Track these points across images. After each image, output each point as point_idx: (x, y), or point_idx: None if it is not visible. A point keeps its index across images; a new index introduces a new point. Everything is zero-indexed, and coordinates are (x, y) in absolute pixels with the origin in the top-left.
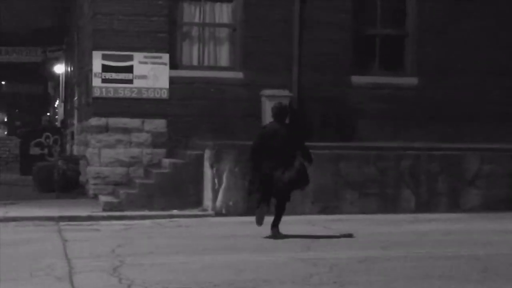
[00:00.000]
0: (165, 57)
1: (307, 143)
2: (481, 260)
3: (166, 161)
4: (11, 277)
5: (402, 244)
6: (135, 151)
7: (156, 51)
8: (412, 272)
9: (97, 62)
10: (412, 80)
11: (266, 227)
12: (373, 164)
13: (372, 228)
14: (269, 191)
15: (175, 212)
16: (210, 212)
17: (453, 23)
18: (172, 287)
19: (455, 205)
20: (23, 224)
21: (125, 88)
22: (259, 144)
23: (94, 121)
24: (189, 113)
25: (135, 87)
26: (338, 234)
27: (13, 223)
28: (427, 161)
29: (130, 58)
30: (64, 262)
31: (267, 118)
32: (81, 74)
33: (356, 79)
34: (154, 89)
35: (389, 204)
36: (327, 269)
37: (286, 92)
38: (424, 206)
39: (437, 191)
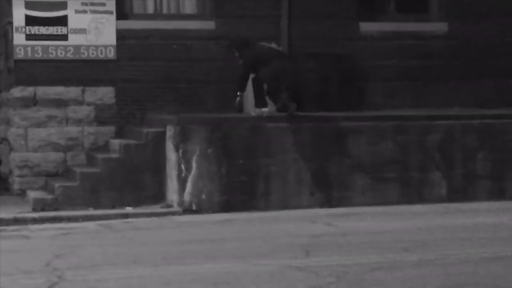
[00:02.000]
0: (110, 3)
1: (301, 113)
2: None
3: (116, 143)
4: None
5: (431, 244)
6: (73, 130)
7: None
8: (445, 282)
9: (18, 12)
10: (440, 26)
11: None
12: (391, 139)
13: (390, 224)
14: None
15: (129, 210)
16: (176, 208)
17: None
18: None
19: (499, 191)
20: None
21: (57, 46)
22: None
23: (17, 91)
24: (144, 78)
25: (71, 45)
26: (345, 233)
27: None
28: (462, 134)
29: (64, 5)
30: None
31: (249, 81)
32: None
33: (365, 26)
34: (97, 47)
35: (413, 191)
36: (332, 280)
37: (274, 46)
38: (459, 193)
39: (476, 173)
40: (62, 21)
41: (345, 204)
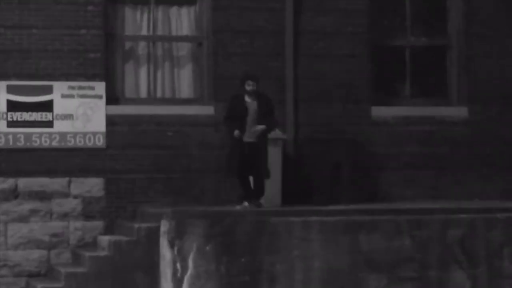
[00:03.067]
0: (100, 86)
1: (309, 207)
2: None
3: (105, 240)
4: None
5: None
6: (58, 225)
7: (87, 79)
8: None
9: (0, 96)
10: (460, 111)
11: None
12: (407, 234)
13: None
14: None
15: None
16: None
17: None
18: None
19: None
20: None
21: (42, 133)
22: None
23: None
24: (136, 168)
25: (57, 132)
26: None
27: None
28: (487, 228)
29: (49, 89)
30: None
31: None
32: None
33: (378, 111)
34: (85, 134)
35: None
36: None
37: (277, 133)
38: None
39: (503, 272)
40: (47, 106)
41: None
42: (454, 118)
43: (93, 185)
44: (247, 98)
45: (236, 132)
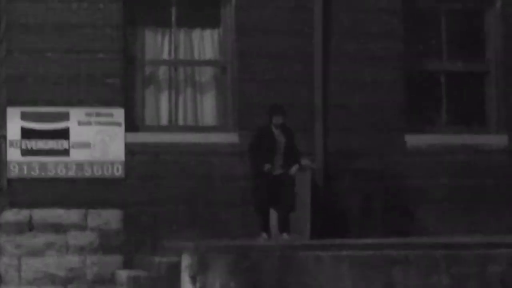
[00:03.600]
0: (119, 113)
1: (339, 241)
2: None
3: (123, 275)
4: None
5: None
6: (74, 260)
7: (105, 105)
8: None
9: (13, 124)
10: (500, 139)
11: None
12: (444, 271)
13: None
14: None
15: None
16: None
17: None
18: None
19: None
20: None
21: (57, 162)
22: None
23: (10, 215)
24: (156, 200)
25: (73, 161)
26: None
27: None
28: None
29: (65, 116)
30: None
31: None
32: None
33: (412, 139)
34: (103, 163)
35: None
36: None
37: (306, 162)
38: None
39: None
40: (63, 134)
41: None
42: (493, 147)
43: (111, 217)
44: (274, 130)
45: (267, 167)
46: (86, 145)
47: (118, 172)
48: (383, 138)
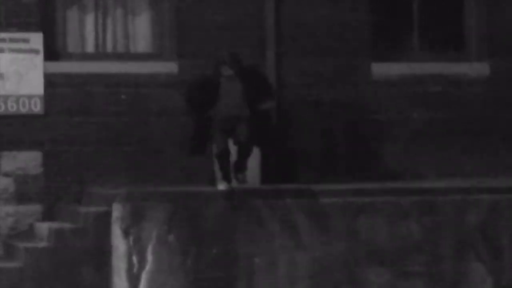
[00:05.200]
0: (36, 39)
1: (295, 185)
2: None
3: (44, 227)
4: None
5: None
6: None
7: (20, 30)
8: None
9: None
10: (480, 68)
11: None
12: (415, 220)
13: None
14: None
15: None
16: None
17: None
18: None
19: None
20: None
21: None
22: None
23: None
24: (82, 139)
25: None
26: None
27: None
28: None
29: None
30: None
31: None
32: None
33: (379, 68)
34: (18, 97)
35: None
36: None
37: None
38: None
39: None
40: None
41: None
42: (472, 76)
43: (28, 160)
44: (223, 81)
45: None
46: None
47: (37, 107)
48: (346, 66)
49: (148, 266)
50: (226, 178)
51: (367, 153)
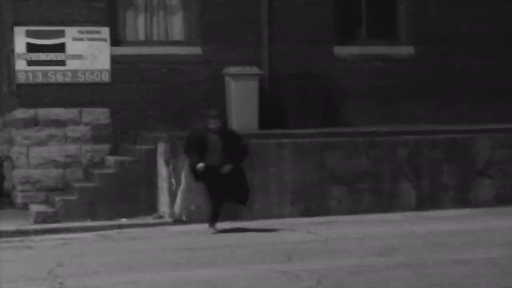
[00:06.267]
0: (105, 31)
1: (282, 130)
2: (498, 265)
3: (111, 160)
4: None
5: (402, 249)
6: (72, 148)
7: (93, 25)
8: (416, 282)
9: (20, 40)
10: (408, 50)
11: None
12: (364, 153)
13: (365, 231)
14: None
15: (124, 221)
16: (167, 219)
17: None
18: None
19: (464, 200)
20: None
21: (56, 71)
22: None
23: (20, 113)
24: (137, 99)
25: (69, 70)
26: (324, 240)
27: None
28: (429, 148)
29: (61, 34)
30: None
31: (233, 101)
32: (1, 55)
33: (339, 50)
34: (93, 71)
35: (385, 201)
36: (313, 283)
37: (254, 69)
38: (427, 202)
39: (442, 184)
40: (60, 48)
41: (323, 213)
42: (402, 56)
43: (100, 114)
44: (210, 134)
45: (200, 167)
46: (79, 56)
47: (106, 78)
48: (316, 49)
49: (182, 186)
50: (214, 219)
51: (332, 108)
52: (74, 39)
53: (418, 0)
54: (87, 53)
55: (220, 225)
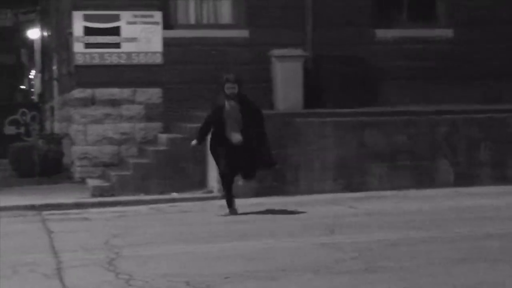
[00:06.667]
0: (157, 15)
1: (324, 110)
2: None
3: (163, 137)
4: None
5: (439, 223)
6: (126, 126)
7: (147, 9)
8: (451, 255)
9: (78, 24)
10: (446, 32)
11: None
12: (403, 132)
13: (404, 206)
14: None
15: (175, 195)
16: (216, 194)
17: None
18: (177, 280)
19: (500, 177)
20: (0, 215)
21: (112, 53)
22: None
23: (78, 93)
24: (187, 80)
25: (124, 52)
26: (364, 214)
27: None
28: (467, 126)
29: (117, 18)
30: (51, 256)
31: (278, 82)
32: (60, 39)
33: (380, 33)
34: (146, 53)
35: (423, 177)
36: (355, 254)
37: (299, 51)
38: (465, 178)
39: (479, 161)
40: (115, 31)
41: (363, 189)
42: (442, 38)
43: (153, 94)
44: (227, 102)
45: (193, 143)
46: (133, 39)
47: (158, 59)
48: (358, 32)
49: None
50: (228, 203)
51: (372, 88)
52: (129, 22)
53: None
54: (141, 36)
55: (264, 200)
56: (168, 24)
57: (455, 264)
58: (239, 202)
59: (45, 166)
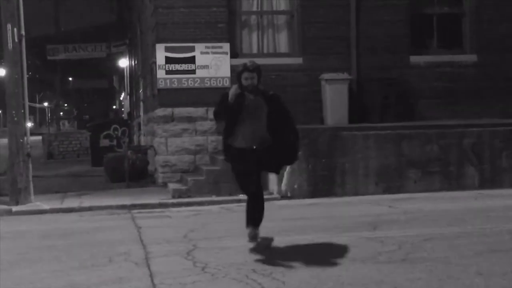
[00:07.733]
0: (226, 46)
1: (367, 124)
2: None
3: None
4: (91, 263)
5: (468, 220)
6: (200, 139)
7: (217, 41)
8: (480, 248)
9: (160, 54)
10: (471, 57)
11: (330, 208)
12: (435, 142)
13: (437, 206)
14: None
15: (241, 197)
16: (275, 195)
17: None
18: (245, 268)
19: None
20: (97, 213)
21: (188, 78)
22: None
23: (160, 111)
24: None
25: (198, 77)
26: (403, 213)
27: (88, 212)
28: (490, 138)
29: (192, 49)
30: (140, 247)
31: (328, 101)
32: (145, 67)
33: (414, 59)
34: (216, 78)
35: (452, 181)
36: (395, 247)
37: (345, 75)
38: (488, 182)
39: (501, 167)
40: (191, 60)
41: (401, 191)
42: (467, 63)
43: None
44: (246, 94)
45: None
46: (206, 66)
47: (226, 83)
48: (395, 58)
49: (287, 169)
50: (250, 220)
51: (408, 106)
52: (202, 53)
53: (480, 16)
54: (212, 63)
55: (317, 200)
56: (234, 53)
57: (483, 255)
58: (294, 202)
59: (133, 172)
